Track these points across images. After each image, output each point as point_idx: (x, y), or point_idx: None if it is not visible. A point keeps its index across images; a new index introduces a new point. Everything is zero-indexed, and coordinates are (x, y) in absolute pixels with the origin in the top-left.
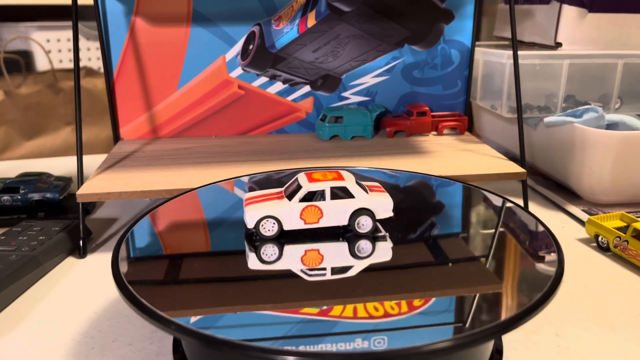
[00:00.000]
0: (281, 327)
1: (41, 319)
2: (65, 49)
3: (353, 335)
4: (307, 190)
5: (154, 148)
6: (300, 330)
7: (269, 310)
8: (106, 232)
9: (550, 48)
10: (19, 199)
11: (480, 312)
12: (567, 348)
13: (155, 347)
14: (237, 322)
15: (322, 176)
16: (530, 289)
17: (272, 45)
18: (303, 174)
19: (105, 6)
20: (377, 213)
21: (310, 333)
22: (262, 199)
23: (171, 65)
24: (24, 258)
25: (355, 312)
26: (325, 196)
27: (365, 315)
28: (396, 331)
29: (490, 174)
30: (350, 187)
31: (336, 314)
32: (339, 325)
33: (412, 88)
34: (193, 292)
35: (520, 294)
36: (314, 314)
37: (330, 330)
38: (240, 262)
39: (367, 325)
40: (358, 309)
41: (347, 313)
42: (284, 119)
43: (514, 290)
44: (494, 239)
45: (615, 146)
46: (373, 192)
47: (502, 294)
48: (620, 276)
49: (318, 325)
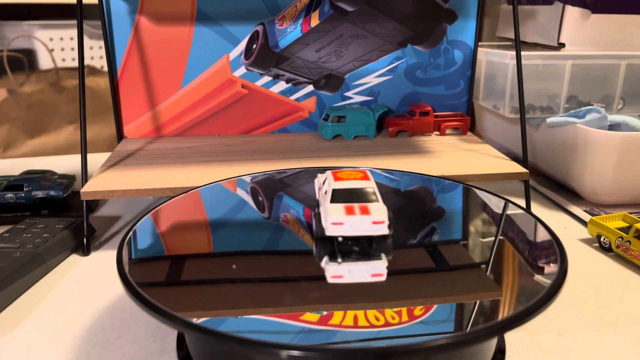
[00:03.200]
0: (282, 336)
1: (45, 316)
2: (68, 48)
3: (353, 345)
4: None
5: (158, 146)
6: (301, 340)
7: (270, 315)
8: (109, 230)
9: (553, 49)
10: (22, 197)
11: (484, 319)
12: (569, 348)
13: (158, 344)
14: (237, 329)
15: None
16: (532, 290)
17: (276, 44)
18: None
19: (110, 5)
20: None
21: (311, 344)
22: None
23: (175, 64)
24: (28, 255)
25: (356, 321)
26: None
27: (366, 325)
28: (397, 339)
29: (493, 174)
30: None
31: (336, 322)
32: (339, 334)
33: (414, 88)
34: (194, 292)
35: (523, 294)
36: (314, 322)
37: (331, 339)
38: (238, 261)
39: (368, 334)
40: (359, 317)
41: (347, 322)
42: (287, 118)
43: (516, 291)
44: (495, 240)
45: (617, 147)
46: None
47: (504, 296)
48: (622, 276)
49: (318, 334)
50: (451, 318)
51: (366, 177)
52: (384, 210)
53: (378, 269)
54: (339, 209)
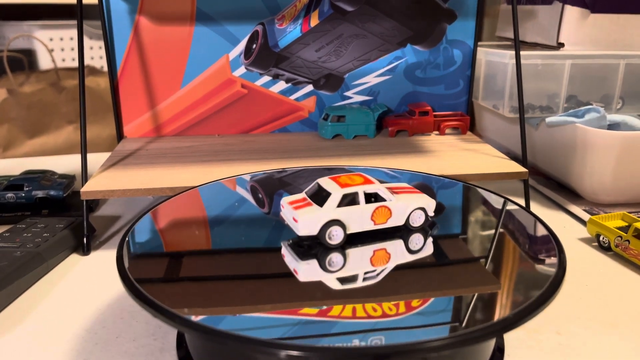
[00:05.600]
0: (280, 329)
1: (45, 315)
2: (68, 48)
3: (351, 336)
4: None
5: (157, 146)
6: (299, 331)
7: (269, 312)
8: (109, 229)
9: (552, 48)
10: (23, 197)
11: (480, 312)
12: (568, 346)
13: (159, 343)
14: (236, 322)
15: (350, 180)
16: (532, 289)
17: (275, 44)
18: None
19: (110, 5)
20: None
21: (309, 334)
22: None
23: (175, 63)
24: (28, 254)
25: (354, 312)
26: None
27: (364, 315)
28: (394, 331)
29: (492, 173)
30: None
31: (335, 314)
32: (338, 326)
33: (414, 88)
34: (194, 290)
35: (522, 293)
36: (313, 314)
37: (329, 331)
38: (238, 259)
39: (366, 325)
40: (357, 309)
41: (346, 313)
42: (287, 118)
43: (515, 289)
44: (494, 239)
45: (616, 146)
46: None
47: (503, 293)
48: (621, 276)
49: (317, 326)
50: (449, 308)
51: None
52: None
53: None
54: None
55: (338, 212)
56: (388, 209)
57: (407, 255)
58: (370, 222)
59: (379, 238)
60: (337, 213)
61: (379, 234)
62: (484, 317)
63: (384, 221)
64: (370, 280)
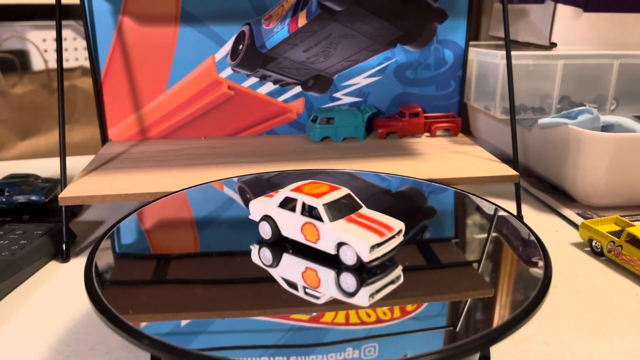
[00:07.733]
0: (272, 335)
1: (18, 326)
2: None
3: (344, 344)
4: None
5: (142, 149)
6: (291, 339)
7: (260, 316)
8: (92, 235)
9: (544, 48)
10: (3, 202)
11: (471, 317)
12: (556, 357)
13: (133, 355)
14: (227, 328)
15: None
16: (517, 298)
17: (262, 45)
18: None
19: (92, 5)
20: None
21: (302, 343)
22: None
23: (160, 65)
24: (3, 263)
25: (347, 319)
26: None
27: (357, 322)
28: (388, 337)
29: (483, 176)
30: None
31: (328, 320)
32: (330, 333)
33: (404, 89)
34: (177, 297)
35: (508, 302)
36: (305, 320)
37: (322, 338)
38: (225, 264)
39: (359, 332)
40: (350, 315)
41: (339, 319)
42: (275, 120)
43: (501, 299)
44: (482, 246)
45: (610, 148)
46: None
47: (490, 302)
48: (613, 282)
49: (309, 332)
50: (443, 313)
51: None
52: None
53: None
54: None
55: (274, 211)
56: (316, 228)
57: (334, 291)
58: (301, 234)
59: (319, 258)
60: (273, 211)
61: (320, 255)
62: (477, 322)
63: (314, 240)
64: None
